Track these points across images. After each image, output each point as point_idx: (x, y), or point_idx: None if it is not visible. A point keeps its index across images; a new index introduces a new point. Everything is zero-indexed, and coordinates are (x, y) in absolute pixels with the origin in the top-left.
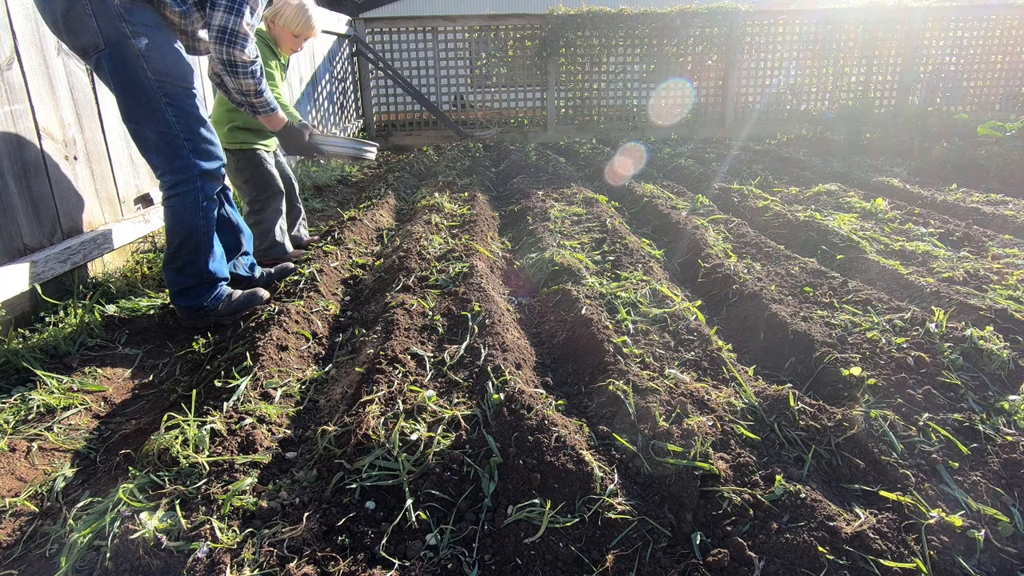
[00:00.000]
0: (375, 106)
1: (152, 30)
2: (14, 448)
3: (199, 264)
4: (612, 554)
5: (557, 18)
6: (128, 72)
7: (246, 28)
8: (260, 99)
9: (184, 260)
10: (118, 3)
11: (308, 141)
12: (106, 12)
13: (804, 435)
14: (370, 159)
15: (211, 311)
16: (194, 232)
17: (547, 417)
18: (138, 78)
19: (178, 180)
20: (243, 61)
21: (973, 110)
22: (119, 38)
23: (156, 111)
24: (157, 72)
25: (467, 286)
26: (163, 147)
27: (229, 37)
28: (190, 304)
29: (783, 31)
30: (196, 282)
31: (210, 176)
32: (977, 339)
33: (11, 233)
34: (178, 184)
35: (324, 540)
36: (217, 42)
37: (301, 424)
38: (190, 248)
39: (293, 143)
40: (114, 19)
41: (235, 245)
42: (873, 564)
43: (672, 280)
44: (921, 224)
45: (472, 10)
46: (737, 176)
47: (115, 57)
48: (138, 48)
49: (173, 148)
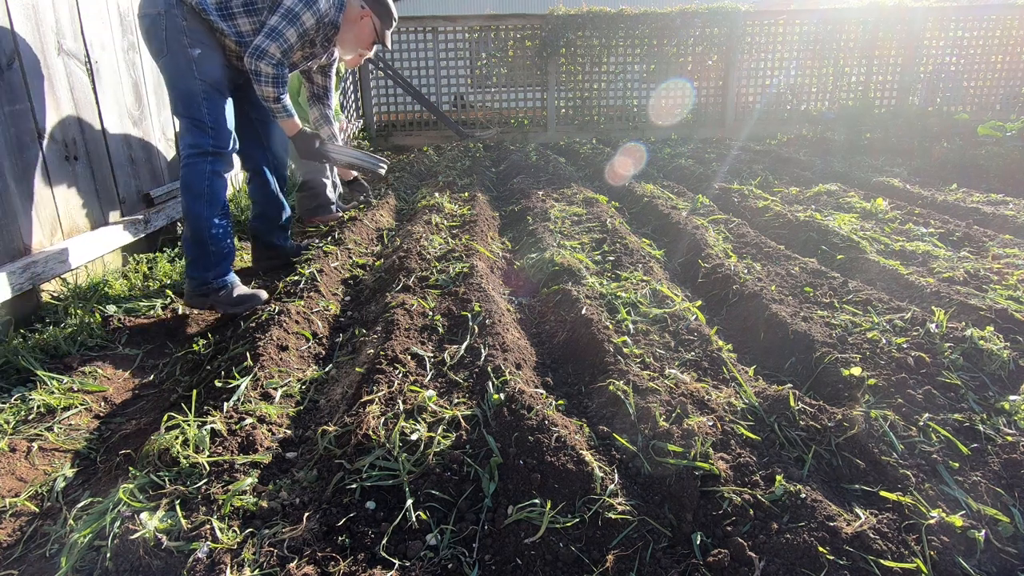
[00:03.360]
0: (375, 106)
1: (204, 45)
2: (14, 448)
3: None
4: (612, 554)
5: (557, 18)
6: (180, 73)
7: (274, 52)
8: (277, 105)
9: (193, 227)
10: (184, 24)
11: (317, 148)
12: (174, 28)
13: (804, 435)
14: (380, 174)
15: (213, 290)
16: (198, 197)
17: (547, 417)
18: (186, 79)
19: (193, 152)
20: (266, 73)
21: (973, 110)
22: (179, 46)
23: (194, 104)
24: (202, 75)
25: (467, 286)
26: (193, 130)
27: (259, 53)
28: (196, 275)
29: (783, 31)
30: (201, 251)
31: (220, 156)
32: (977, 339)
33: (11, 233)
34: (192, 156)
35: (324, 540)
36: (249, 56)
37: (301, 424)
38: (196, 214)
39: (304, 148)
40: (178, 34)
41: (277, 218)
42: (873, 564)
43: (672, 280)
44: (921, 224)
45: (472, 10)
46: (737, 176)
47: (173, 60)
48: (192, 56)
49: (199, 131)
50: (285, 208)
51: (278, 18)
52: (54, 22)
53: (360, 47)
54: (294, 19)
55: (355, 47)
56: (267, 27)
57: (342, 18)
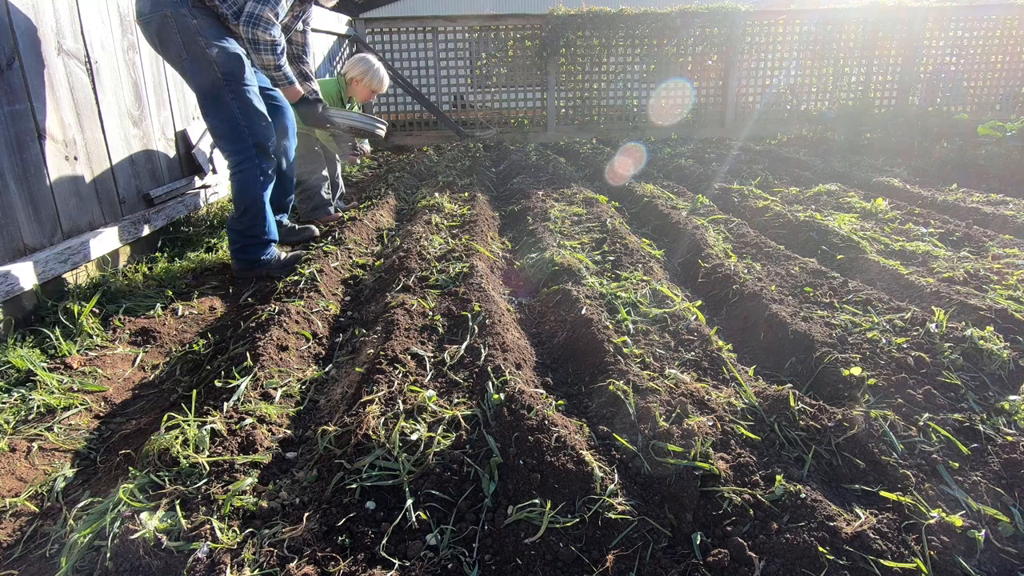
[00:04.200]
0: (375, 106)
1: (221, 42)
2: (14, 448)
3: (258, 227)
4: (612, 554)
5: (557, 18)
6: (203, 75)
7: (269, 15)
8: (279, 73)
9: (247, 223)
10: (195, 23)
11: (321, 113)
12: (187, 30)
13: (804, 435)
14: (380, 135)
15: (265, 264)
16: (255, 200)
17: (547, 417)
18: (211, 80)
19: (242, 159)
20: (264, 40)
21: (973, 110)
22: (197, 49)
23: (224, 106)
24: (226, 74)
25: (467, 286)
26: (230, 134)
27: (254, 21)
28: (249, 258)
29: (783, 31)
30: (255, 241)
31: (265, 155)
32: (977, 339)
33: (12, 233)
34: (242, 163)
35: (324, 540)
36: (244, 24)
37: (301, 424)
38: (252, 214)
39: (308, 114)
40: (193, 35)
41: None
42: (873, 564)
43: (672, 280)
44: (921, 224)
45: (472, 10)
46: (737, 176)
47: (194, 64)
48: (211, 56)
49: (237, 133)
50: (289, 193)
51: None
52: (54, 22)
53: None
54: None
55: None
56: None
57: None
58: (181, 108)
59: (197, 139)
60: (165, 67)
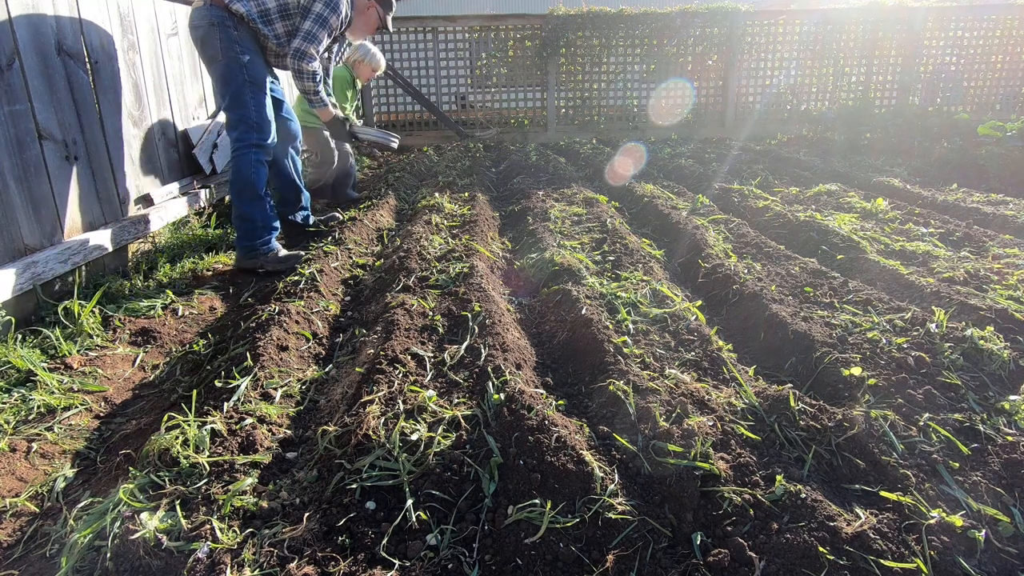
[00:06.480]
0: (375, 106)
1: (252, 52)
2: (14, 448)
3: (252, 210)
4: (612, 554)
5: (557, 18)
6: (233, 75)
7: (312, 51)
8: (316, 97)
9: (243, 208)
10: (236, 34)
11: (348, 130)
12: (227, 38)
13: (804, 435)
14: (394, 148)
15: (261, 254)
16: (247, 183)
17: (547, 417)
18: (238, 81)
19: (241, 145)
20: (307, 71)
21: (973, 110)
22: (232, 54)
23: (243, 103)
24: (250, 78)
25: (467, 286)
26: (240, 125)
27: (300, 54)
28: (246, 244)
29: (783, 31)
30: (251, 225)
31: (261, 147)
32: (977, 339)
33: (12, 234)
34: (240, 148)
35: (324, 540)
36: (292, 57)
37: (301, 424)
38: (245, 197)
39: (337, 131)
40: (231, 43)
41: (296, 200)
42: (873, 564)
43: (672, 280)
44: (921, 224)
45: (472, 10)
46: (737, 176)
47: (228, 65)
48: (243, 62)
49: (245, 126)
50: (303, 191)
51: (311, 23)
52: (54, 22)
53: (368, 32)
54: (324, 23)
55: (364, 32)
56: (303, 31)
57: (354, 12)
58: (181, 108)
59: (197, 140)
60: (165, 67)
